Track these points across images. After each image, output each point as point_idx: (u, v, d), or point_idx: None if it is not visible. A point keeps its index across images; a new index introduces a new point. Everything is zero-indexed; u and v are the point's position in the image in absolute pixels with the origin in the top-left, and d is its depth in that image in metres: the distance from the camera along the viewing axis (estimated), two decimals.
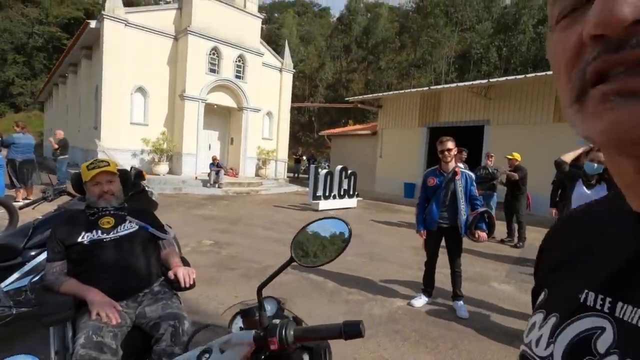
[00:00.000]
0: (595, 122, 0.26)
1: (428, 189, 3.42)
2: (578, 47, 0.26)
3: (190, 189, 11.04)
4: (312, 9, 48.93)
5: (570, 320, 0.36)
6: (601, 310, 0.33)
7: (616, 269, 0.34)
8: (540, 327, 0.40)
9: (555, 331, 0.37)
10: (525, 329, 0.43)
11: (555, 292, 0.42)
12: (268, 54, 15.65)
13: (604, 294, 0.34)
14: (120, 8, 11.56)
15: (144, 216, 2.06)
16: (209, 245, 5.20)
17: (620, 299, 0.32)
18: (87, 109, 13.87)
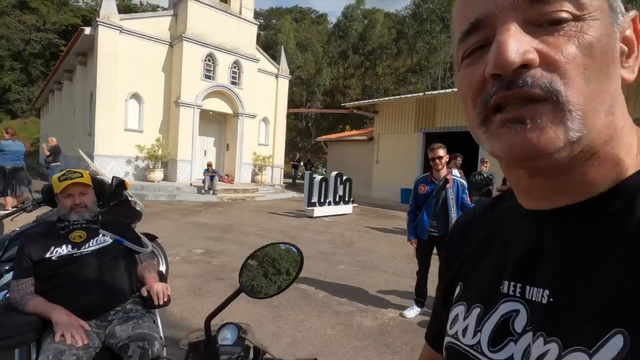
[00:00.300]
0: (497, 143, 0.34)
1: (419, 196, 3.36)
2: (482, 82, 0.34)
3: (185, 195, 10.95)
4: (309, 16, 49.20)
5: (493, 309, 0.40)
6: (514, 295, 0.38)
7: (520, 259, 0.39)
8: (464, 318, 0.43)
9: (481, 320, 0.41)
10: (447, 322, 0.47)
11: (473, 285, 0.46)
12: (264, 60, 15.65)
13: (515, 281, 0.39)
14: (115, 15, 11.55)
15: (119, 229, 1.98)
16: (199, 254, 5.10)
17: (527, 283, 0.38)
18: (82, 116, 13.80)
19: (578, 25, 0.31)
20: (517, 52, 0.30)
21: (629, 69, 0.35)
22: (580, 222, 0.35)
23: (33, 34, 37.11)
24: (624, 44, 0.35)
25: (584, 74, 0.31)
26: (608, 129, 0.33)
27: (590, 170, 0.34)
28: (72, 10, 40.74)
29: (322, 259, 5.27)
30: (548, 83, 0.31)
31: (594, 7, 0.32)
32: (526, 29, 0.32)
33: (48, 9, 37.90)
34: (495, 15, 0.32)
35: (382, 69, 31.76)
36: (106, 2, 11.46)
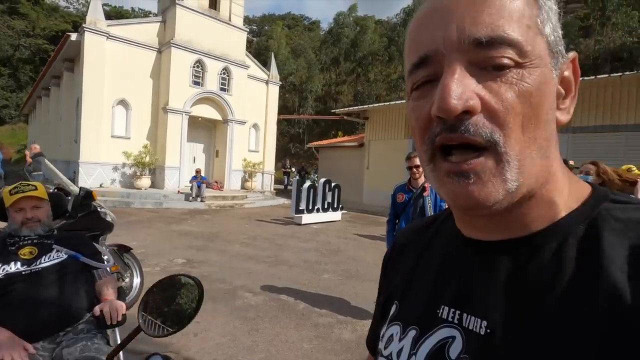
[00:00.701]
0: (442, 189, 0.36)
1: (397, 205, 3.31)
2: (428, 119, 0.35)
3: (172, 203, 10.80)
4: (302, 22, 49.50)
5: (429, 332, 0.40)
6: (452, 322, 0.39)
7: (459, 285, 0.40)
8: (400, 339, 0.43)
9: (417, 343, 0.41)
10: (380, 341, 0.47)
11: (410, 307, 0.45)
12: (254, 66, 15.63)
13: (454, 307, 0.39)
14: (102, 21, 11.45)
15: (76, 243, 1.89)
16: (180, 265, 4.99)
17: (464, 310, 0.38)
18: (68, 122, 13.61)
19: (519, 73, 0.32)
20: (460, 99, 0.31)
21: (564, 111, 0.37)
22: (516, 257, 0.36)
23: (22, 39, 36.75)
24: (562, 85, 0.37)
25: (522, 122, 0.32)
26: (544, 172, 0.35)
27: (528, 212, 0.36)
28: (63, 16, 40.48)
29: (307, 268, 5.18)
30: (489, 133, 0.32)
31: (534, 55, 0.33)
32: (471, 71, 0.33)
33: (38, 14, 37.60)
34: (443, 54, 0.33)
35: (374, 75, 31.96)
36: (93, 8, 11.37)
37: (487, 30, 0.32)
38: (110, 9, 46.29)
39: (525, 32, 0.33)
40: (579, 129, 9.66)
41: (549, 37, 0.35)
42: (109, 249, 3.16)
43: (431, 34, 0.35)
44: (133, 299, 3.38)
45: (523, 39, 0.33)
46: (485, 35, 0.32)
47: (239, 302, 3.75)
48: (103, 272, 1.95)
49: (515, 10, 0.33)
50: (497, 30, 0.32)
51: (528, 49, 0.32)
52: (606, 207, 0.35)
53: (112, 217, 3.09)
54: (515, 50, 0.32)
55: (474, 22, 0.32)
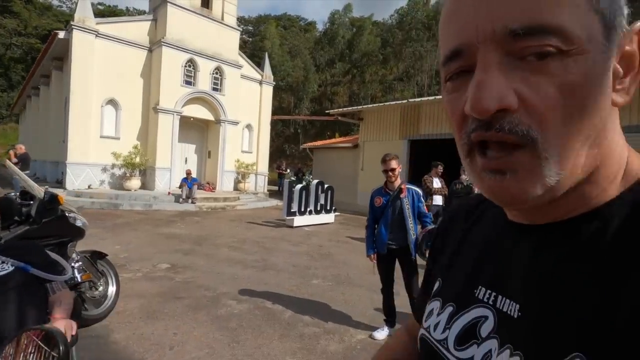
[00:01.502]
0: (479, 184, 0.35)
1: (375, 209, 3.21)
2: (463, 115, 0.34)
3: (162, 205, 10.57)
4: (298, 23, 49.34)
5: (464, 310, 0.42)
6: (487, 302, 0.40)
7: (496, 267, 0.41)
8: (438, 314, 0.46)
9: (452, 319, 0.43)
10: (424, 314, 0.49)
11: (450, 284, 0.47)
12: (247, 66, 15.44)
13: (490, 289, 0.40)
14: (91, 19, 11.21)
15: (25, 253, 1.70)
16: (163, 270, 4.79)
17: (500, 292, 0.39)
18: (57, 122, 13.34)
19: (564, 62, 0.29)
20: (494, 97, 0.30)
21: (622, 92, 0.33)
22: (555, 241, 0.36)
23: (14, 38, 36.30)
24: (622, 62, 0.33)
25: (565, 116, 0.30)
26: (593, 161, 0.33)
27: (575, 198, 0.34)
28: (56, 15, 40.07)
29: (296, 273, 5.01)
30: (525, 130, 0.30)
31: (583, 39, 0.29)
32: (508, 62, 0.30)
33: (30, 13, 37.16)
34: (477, 46, 0.31)
35: (369, 76, 31.87)
36: (81, 6, 11.12)
37: (525, 18, 0.29)
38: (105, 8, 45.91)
39: (573, 13, 0.29)
40: None
41: (605, 11, 0.30)
42: (80, 256, 2.97)
43: (463, 24, 0.32)
44: (107, 308, 3.19)
45: (569, 22, 0.29)
46: (522, 26, 0.29)
47: (222, 310, 3.56)
48: (58, 285, 1.76)
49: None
50: (537, 17, 0.29)
51: (575, 34, 0.29)
52: None
53: (83, 222, 2.90)
54: (559, 37, 0.29)
55: (509, 8, 0.29)
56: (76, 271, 2.87)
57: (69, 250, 2.75)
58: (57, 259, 1.99)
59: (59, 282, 1.78)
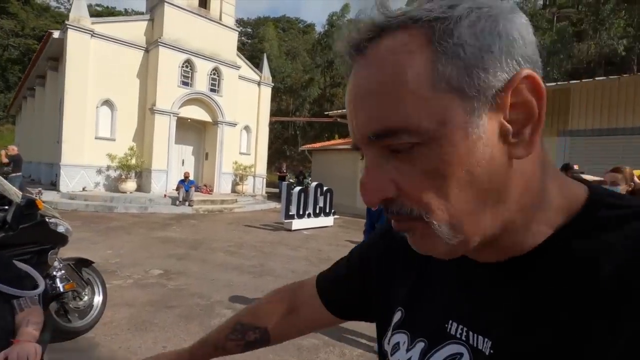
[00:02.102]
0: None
1: (372, 214, 3.03)
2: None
3: (158, 207, 10.37)
4: (297, 25, 49.30)
5: (438, 347, 0.41)
6: (460, 339, 0.40)
7: (468, 304, 0.40)
8: (407, 350, 0.44)
9: (425, 356, 0.42)
10: (385, 345, 0.49)
11: (418, 318, 0.46)
12: (246, 67, 15.28)
13: (461, 324, 0.40)
14: (87, 18, 11.04)
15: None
16: (156, 276, 4.59)
17: (471, 329, 0.39)
18: (51, 123, 13.12)
19: (419, 151, 0.32)
20: (374, 193, 0.35)
21: (520, 144, 0.33)
22: (514, 276, 0.37)
23: (11, 39, 36.14)
24: (515, 114, 0.32)
25: (438, 194, 0.33)
26: (502, 216, 0.34)
27: (513, 239, 0.36)
28: (53, 16, 39.92)
29: (294, 279, 4.73)
30: (410, 210, 0.34)
31: (432, 129, 0.31)
32: (382, 157, 0.34)
33: (27, 14, 37.00)
34: (360, 146, 0.36)
35: None
36: (77, 5, 10.95)
37: (374, 125, 0.33)
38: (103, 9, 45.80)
39: (417, 109, 0.31)
40: (577, 132, 9.45)
41: (462, 85, 0.31)
42: (63, 264, 2.78)
43: (350, 125, 0.37)
44: (93, 319, 3.00)
45: (412, 120, 0.31)
46: (372, 132, 0.33)
47: (216, 320, 3.37)
48: (27, 301, 1.57)
49: (398, 90, 0.32)
50: (382, 124, 0.33)
51: (422, 127, 0.31)
52: (603, 215, 0.35)
53: (65, 228, 2.71)
54: (406, 134, 0.32)
55: (368, 119, 0.34)
56: (58, 280, 2.68)
57: (49, 258, 2.56)
58: (28, 272, 1.81)
59: (28, 298, 1.59)
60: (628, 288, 0.29)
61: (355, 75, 0.35)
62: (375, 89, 0.33)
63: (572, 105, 9.57)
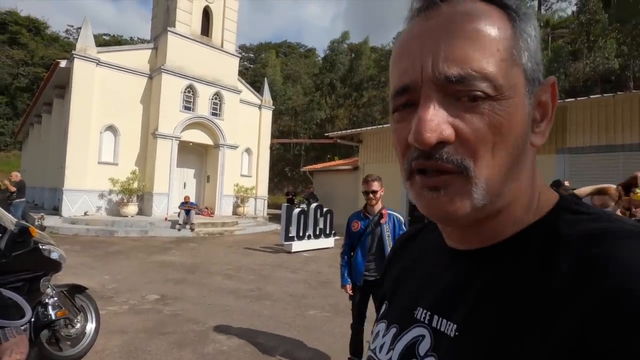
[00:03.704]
0: (418, 201, 0.38)
1: (352, 234, 2.94)
2: (407, 144, 0.37)
3: (159, 231, 10.36)
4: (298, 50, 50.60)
5: (405, 331, 0.45)
6: (423, 322, 0.43)
7: (437, 291, 0.44)
8: (383, 335, 0.48)
9: (395, 340, 0.46)
10: (372, 336, 0.51)
11: (395, 307, 0.50)
12: (247, 91, 15.62)
13: (426, 309, 0.44)
14: (93, 48, 11.43)
15: None
16: (152, 302, 4.55)
17: (436, 312, 0.42)
18: (56, 149, 13.35)
19: (491, 105, 0.34)
20: (434, 131, 0.34)
21: (539, 134, 0.39)
22: (482, 265, 0.39)
23: (21, 68, 37.24)
24: (538, 110, 0.39)
25: (492, 150, 0.35)
26: (513, 192, 0.38)
27: (497, 225, 0.39)
28: (62, 46, 41.29)
29: (292, 304, 4.75)
30: (460, 160, 0.35)
31: (507, 87, 0.35)
32: (446, 101, 0.35)
33: (37, 44, 38.30)
34: (420, 86, 0.36)
35: (369, 99, 32.25)
36: (84, 35, 11.38)
37: (458, 67, 0.34)
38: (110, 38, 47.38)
39: (499, 66, 0.35)
40: (575, 149, 9.48)
41: (526, 66, 0.37)
42: (56, 291, 2.77)
43: (411, 64, 0.37)
44: (85, 347, 2.96)
45: (495, 73, 0.34)
46: (455, 74, 0.34)
47: (209, 347, 3.31)
48: (12, 331, 1.57)
49: (489, 42, 0.35)
50: (468, 67, 0.34)
51: (500, 83, 0.34)
52: (565, 218, 0.38)
53: (59, 254, 2.72)
54: (487, 84, 0.34)
55: (446, 58, 0.34)
56: (50, 308, 2.67)
57: (42, 286, 2.56)
58: (15, 301, 1.82)
59: (14, 328, 1.59)
60: (574, 288, 0.31)
61: (435, 16, 0.37)
62: (467, 33, 0.35)
63: (570, 122, 9.65)
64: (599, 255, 0.32)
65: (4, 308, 1.59)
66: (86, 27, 11.51)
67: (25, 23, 39.32)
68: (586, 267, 0.32)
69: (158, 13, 13.75)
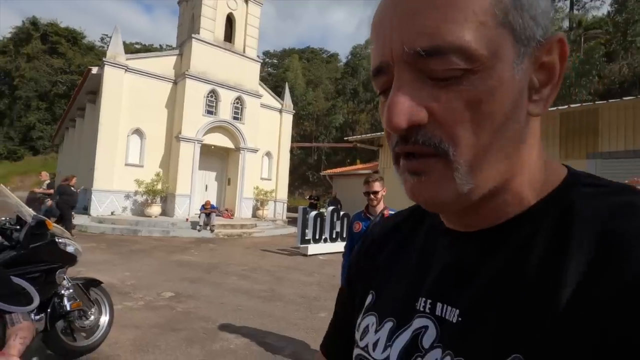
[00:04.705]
0: (404, 186, 0.36)
1: (354, 235, 2.88)
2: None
3: (180, 231, 10.64)
4: (320, 55, 51.00)
5: (406, 325, 0.40)
6: (424, 312, 0.39)
7: (436, 276, 0.40)
8: (376, 331, 0.43)
9: (393, 335, 0.41)
10: (356, 334, 0.46)
11: (387, 297, 0.45)
12: (268, 96, 15.86)
13: (427, 297, 0.39)
14: (122, 55, 11.98)
15: None
16: (167, 299, 4.65)
17: (438, 300, 0.38)
18: (88, 151, 14.00)
19: (469, 79, 0.30)
20: (404, 115, 0.31)
21: (538, 102, 0.34)
22: (486, 247, 0.36)
23: (59, 76, 39.52)
24: (540, 72, 0.34)
25: (473, 129, 0.31)
26: (507, 170, 0.34)
27: (497, 205, 0.36)
28: (97, 54, 43.51)
29: (303, 305, 4.73)
30: (437, 142, 0.32)
31: (488, 55, 0.30)
32: (419, 80, 0.32)
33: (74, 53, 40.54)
34: (392, 65, 0.33)
35: None
36: (114, 43, 11.95)
37: (428, 39, 0.30)
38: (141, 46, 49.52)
39: (476, 31, 0.30)
40: (607, 154, 8.98)
41: (515, 24, 0.31)
42: (71, 284, 2.89)
43: (382, 43, 0.34)
44: (98, 339, 3.06)
45: (471, 41, 0.30)
46: (424, 47, 0.30)
47: (217, 345, 3.34)
48: (18, 316, 1.64)
49: (462, 6, 0.30)
50: (438, 38, 0.30)
51: (478, 52, 0.30)
52: (579, 191, 0.35)
53: (75, 248, 2.83)
54: (462, 56, 0.30)
55: (415, 31, 0.31)
56: (65, 299, 2.78)
57: (57, 277, 2.67)
58: (25, 288, 1.90)
59: (20, 314, 1.66)
60: (594, 271, 0.29)
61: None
62: (436, 0, 0.30)
63: (602, 126, 9.17)
64: (623, 232, 0.29)
65: (13, 294, 1.66)
66: (116, 36, 12.08)
67: (64, 33, 41.78)
68: (608, 247, 0.29)
69: (184, 21, 14.25)
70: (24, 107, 38.68)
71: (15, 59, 39.11)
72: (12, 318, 1.61)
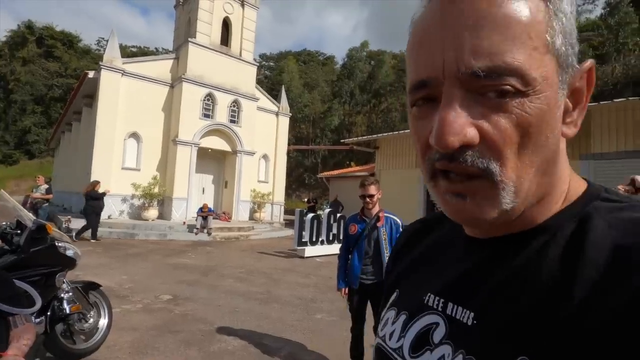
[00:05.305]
0: (443, 206, 0.37)
1: (349, 237, 2.94)
2: (428, 143, 0.34)
3: (177, 235, 10.65)
4: (317, 58, 51.16)
5: (416, 317, 0.43)
6: (436, 309, 0.42)
7: (451, 279, 0.42)
8: (392, 322, 0.47)
9: (406, 327, 0.44)
10: (380, 324, 0.50)
11: (405, 294, 0.49)
12: (264, 99, 15.92)
13: (439, 296, 0.42)
14: (119, 59, 12.00)
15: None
16: (164, 301, 4.69)
17: (451, 300, 0.40)
18: (84, 155, 13.98)
19: (520, 102, 0.31)
20: (457, 134, 0.31)
21: (570, 124, 0.36)
22: (508, 253, 0.37)
23: (55, 79, 39.40)
24: (572, 96, 0.36)
25: (519, 150, 0.32)
26: (543, 189, 0.36)
27: (522, 218, 0.37)
28: (93, 58, 43.42)
29: (299, 306, 4.79)
30: (485, 164, 0.32)
31: (539, 80, 0.31)
32: (470, 98, 0.32)
33: (70, 57, 40.44)
34: (442, 81, 0.33)
35: (387, 105, 32.14)
36: (110, 47, 11.97)
37: (486, 60, 0.31)
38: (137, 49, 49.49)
39: (530, 56, 0.31)
40: (600, 155, 9.12)
41: (560, 51, 0.33)
42: (71, 287, 2.93)
43: (431, 57, 0.33)
44: (97, 342, 3.10)
45: (526, 65, 0.31)
46: (483, 67, 0.31)
47: (215, 346, 3.39)
48: (21, 318, 1.69)
49: (520, 29, 0.31)
50: (497, 60, 0.30)
51: (532, 76, 0.31)
52: (596, 205, 0.36)
53: (74, 252, 2.88)
54: (517, 78, 0.31)
55: (472, 50, 0.31)
56: (65, 302, 2.82)
57: (57, 281, 2.72)
58: (27, 291, 1.95)
59: (23, 316, 1.71)
60: (607, 281, 0.30)
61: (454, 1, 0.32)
62: (494, 19, 0.31)
63: (594, 127, 9.31)
64: (638, 247, 0.30)
65: (16, 297, 1.71)
66: (113, 39, 12.12)
67: (60, 37, 41.71)
68: (620, 260, 0.30)
69: (180, 25, 14.31)
70: (19, 111, 38.51)
71: (11, 63, 38.98)
72: (15, 320, 1.66)
